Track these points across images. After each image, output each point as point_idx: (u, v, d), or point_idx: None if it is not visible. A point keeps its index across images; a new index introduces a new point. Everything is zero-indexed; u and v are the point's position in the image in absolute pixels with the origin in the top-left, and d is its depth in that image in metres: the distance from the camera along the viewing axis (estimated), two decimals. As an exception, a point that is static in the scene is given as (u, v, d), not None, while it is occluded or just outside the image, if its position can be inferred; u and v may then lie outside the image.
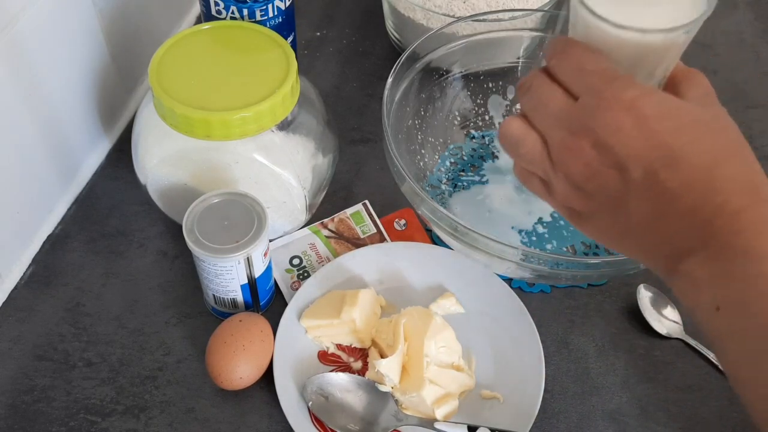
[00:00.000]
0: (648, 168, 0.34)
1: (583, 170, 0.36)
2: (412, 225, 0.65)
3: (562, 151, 0.36)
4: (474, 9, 0.72)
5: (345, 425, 0.51)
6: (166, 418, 0.53)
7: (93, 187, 0.67)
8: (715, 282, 0.33)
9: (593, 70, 0.36)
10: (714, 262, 0.33)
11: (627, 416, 0.55)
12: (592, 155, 0.35)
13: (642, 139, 0.34)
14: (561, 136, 0.36)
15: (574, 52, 0.37)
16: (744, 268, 0.32)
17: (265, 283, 0.56)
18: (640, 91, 0.35)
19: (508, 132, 0.39)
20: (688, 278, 0.35)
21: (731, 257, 0.33)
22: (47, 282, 0.60)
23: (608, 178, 0.35)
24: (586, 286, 0.62)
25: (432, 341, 0.53)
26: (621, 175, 0.35)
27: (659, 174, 0.34)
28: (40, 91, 0.58)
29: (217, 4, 0.61)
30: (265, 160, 0.55)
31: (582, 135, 0.35)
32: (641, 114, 0.34)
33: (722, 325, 0.33)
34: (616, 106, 0.34)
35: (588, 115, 0.35)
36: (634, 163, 0.34)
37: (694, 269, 0.34)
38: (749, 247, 0.32)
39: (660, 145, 0.34)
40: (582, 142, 0.35)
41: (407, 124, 0.65)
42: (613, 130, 0.34)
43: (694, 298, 0.35)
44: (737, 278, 0.33)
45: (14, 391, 0.54)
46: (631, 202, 0.35)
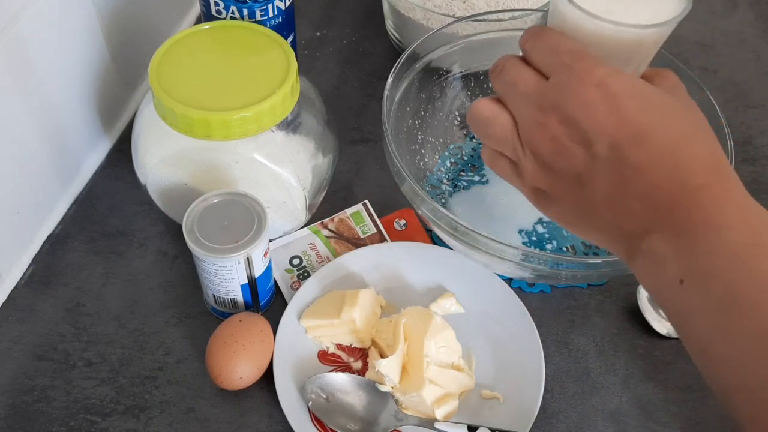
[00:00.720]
0: (614, 143, 0.34)
1: (551, 145, 0.36)
2: (412, 225, 0.65)
3: (531, 128, 0.37)
4: (474, 9, 0.72)
5: (345, 425, 0.51)
6: (166, 418, 0.53)
7: (93, 187, 0.67)
8: (678, 256, 0.33)
9: (565, 50, 0.37)
10: (677, 238, 0.34)
11: (627, 416, 0.55)
12: (560, 130, 0.36)
13: (609, 115, 0.34)
14: (530, 113, 0.37)
15: (547, 35, 0.38)
16: (707, 241, 0.33)
17: (265, 283, 0.56)
18: (610, 70, 0.35)
19: (477, 112, 0.40)
20: (651, 255, 0.35)
21: (694, 231, 0.33)
22: (47, 282, 0.60)
23: (574, 153, 0.36)
24: (586, 286, 0.62)
25: (432, 341, 0.53)
26: (587, 150, 0.35)
27: (624, 150, 0.34)
28: (40, 91, 0.58)
29: (217, 4, 0.61)
30: (265, 160, 0.55)
31: (550, 111, 0.36)
32: (610, 91, 0.35)
33: (686, 297, 0.33)
34: (586, 82, 0.35)
35: (557, 91, 0.36)
36: (601, 138, 0.35)
37: (657, 245, 0.34)
38: (712, 221, 0.33)
39: (627, 121, 0.34)
40: (550, 118, 0.36)
41: (407, 124, 0.65)
42: (581, 105, 0.35)
43: (657, 274, 0.35)
44: (700, 251, 0.33)
45: (14, 391, 0.54)
46: (595, 177, 0.35)
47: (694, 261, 0.33)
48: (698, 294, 0.33)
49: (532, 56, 0.39)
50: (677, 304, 0.34)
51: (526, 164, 0.38)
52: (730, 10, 0.90)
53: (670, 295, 0.34)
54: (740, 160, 0.72)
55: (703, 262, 0.33)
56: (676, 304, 0.34)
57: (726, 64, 0.83)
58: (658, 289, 0.35)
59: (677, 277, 0.33)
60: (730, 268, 0.32)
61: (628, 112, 0.35)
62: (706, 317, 0.33)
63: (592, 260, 0.52)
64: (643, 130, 0.34)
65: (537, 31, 0.39)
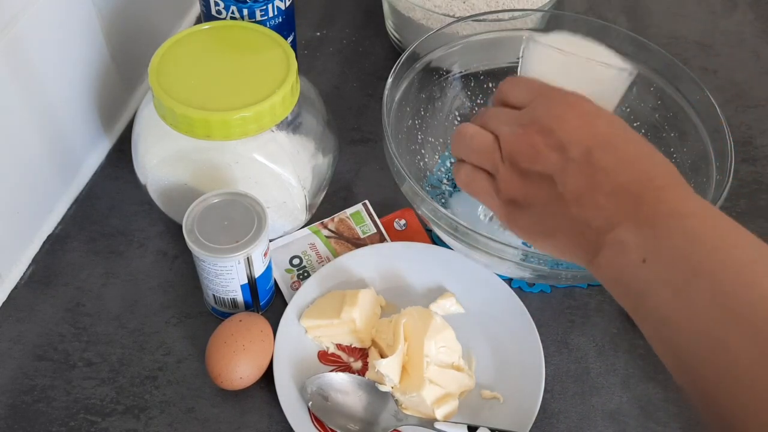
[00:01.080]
0: (586, 149, 0.39)
1: (529, 152, 0.41)
2: (412, 225, 0.65)
3: (512, 139, 0.42)
4: (474, 9, 0.72)
5: (345, 425, 0.51)
6: (166, 418, 0.53)
7: (93, 187, 0.67)
8: (642, 241, 0.37)
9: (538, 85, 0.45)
10: (641, 227, 0.37)
11: (627, 416, 0.55)
12: (538, 139, 0.41)
13: (581, 127, 0.40)
14: (511, 129, 0.43)
15: (522, 79, 0.46)
16: (670, 225, 0.36)
17: (265, 283, 0.56)
18: (580, 96, 0.43)
19: (463, 130, 0.46)
20: (616, 245, 0.38)
21: (658, 220, 0.37)
22: (47, 282, 0.60)
23: (550, 157, 0.40)
24: (586, 286, 0.62)
25: (432, 341, 0.53)
26: (561, 154, 0.40)
27: (595, 154, 0.39)
28: (40, 90, 0.58)
29: (217, 4, 0.61)
30: (265, 160, 0.55)
31: (530, 125, 0.42)
32: (581, 110, 0.41)
33: (648, 274, 0.36)
34: (560, 102, 0.42)
35: (535, 111, 0.42)
36: (574, 144, 0.40)
37: (622, 235, 0.37)
38: (674, 210, 0.37)
39: (597, 133, 0.40)
40: (530, 130, 0.41)
41: (407, 124, 0.65)
42: (557, 118, 0.41)
43: (620, 261, 0.37)
44: (663, 234, 0.36)
45: (14, 391, 0.54)
46: (568, 177, 0.40)
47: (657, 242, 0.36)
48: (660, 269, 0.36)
49: (509, 99, 0.46)
50: (638, 284, 0.37)
51: (504, 174, 0.43)
52: (730, 10, 0.90)
53: (631, 276, 0.37)
54: (740, 160, 0.72)
55: (666, 241, 0.36)
56: (638, 284, 0.37)
57: (726, 64, 0.83)
58: (620, 275, 0.38)
59: (640, 258, 0.36)
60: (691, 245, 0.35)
61: (598, 127, 0.41)
62: (667, 289, 0.35)
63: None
64: (611, 140, 0.40)
65: (511, 79, 0.46)
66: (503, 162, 0.43)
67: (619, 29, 0.65)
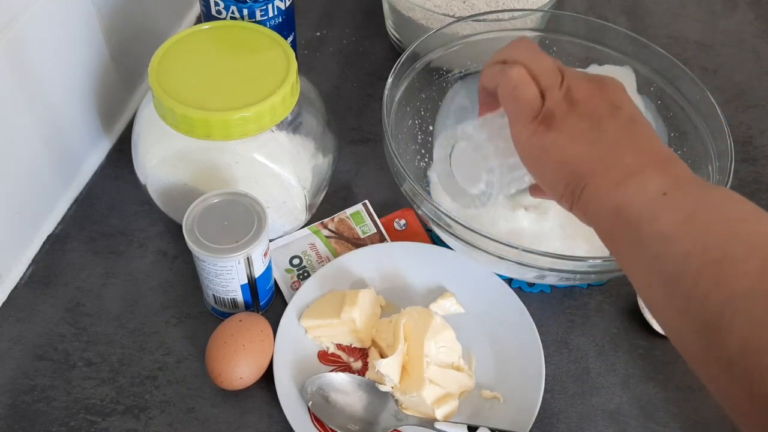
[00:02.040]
0: (633, 114, 0.43)
1: (589, 91, 0.43)
2: (412, 225, 0.65)
3: (577, 77, 0.44)
4: (474, 9, 0.72)
5: (345, 425, 0.51)
6: (166, 418, 0.53)
7: (93, 187, 0.67)
8: (665, 183, 0.39)
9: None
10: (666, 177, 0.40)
11: (627, 416, 0.55)
12: (598, 92, 0.44)
13: (627, 102, 0.44)
14: (574, 73, 0.45)
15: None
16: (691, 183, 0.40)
17: (265, 283, 0.56)
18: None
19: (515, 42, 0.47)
20: (639, 180, 0.40)
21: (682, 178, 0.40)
22: (47, 282, 0.60)
23: (604, 105, 0.43)
24: (586, 286, 0.62)
25: (432, 341, 0.53)
26: (614, 106, 0.43)
27: (637, 119, 0.43)
28: (40, 91, 0.58)
29: (217, 4, 0.61)
30: (265, 160, 0.55)
31: (591, 80, 0.44)
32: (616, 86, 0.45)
33: (664, 203, 0.39)
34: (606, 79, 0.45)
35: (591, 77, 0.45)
36: (625, 107, 0.43)
37: (649, 175, 0.40)
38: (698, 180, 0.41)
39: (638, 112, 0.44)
40: (593, 84, 0.44)
41: (407, 124, 0.65)
42: (612, 87, 0.44)
43: (640, 191, 0.40)
44: (684, 184, 0.40)
45: (14, 391, 0.54)
46: (612, 123, 0.42)
47: (678, 185, 0.40)
48: (676, 200, 0.39)
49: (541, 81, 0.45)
50: (652, 211, 0.39)
51: (557, 93, 0.43)
52: (730, 10, 0.90)
53: (645, 205, 0.39)
54: (740, 160, 0.72)
55: (687, 186, 0.40)
56: (651, 211, 0.39)
57: (726, 64, 0.83)
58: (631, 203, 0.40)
59: (661, 191, 0.39)
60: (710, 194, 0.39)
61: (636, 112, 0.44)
62: (678, 213, 0.38)
63: (591, 260, 0.52)
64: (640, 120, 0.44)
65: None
66: (560, 86, 0.44)
67: (618, 29, 0.65)
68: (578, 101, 0.43)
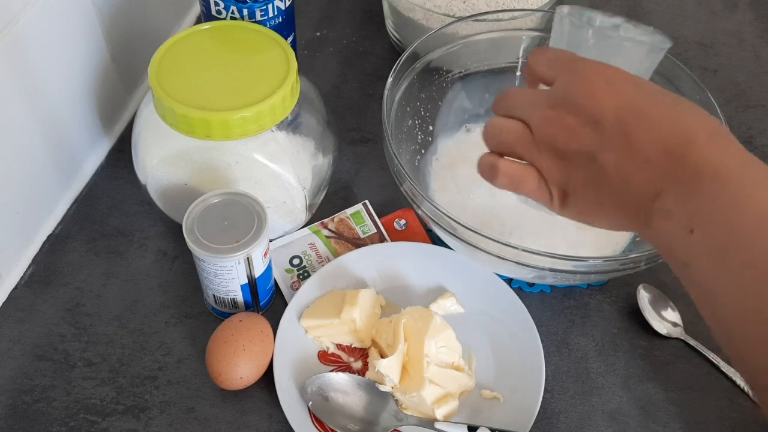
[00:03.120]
0: (618, 118, 0.38)
1: (563, 133, 0.40)
2: (412, 225, 0.65)
3: (544, 124, 0.41)
4: (474, 9, 0.72)
5: (345, 425, 0.51)
6: (166, 418, 0.53)
7: (93, 187, 0.67)
8: (687, 208, 0.36)
9: (564, 57, 0.43)
10: (685, 193, 0.37)
11: (627, 416, 0.55)
12: (570, 119, 0.40)
13: (611, 96, 0.39)
14: (541, 113, 0.41)
15: (549, 50, 0.44)
16: (712, 191, 0.36)
17: (265, 283, 0.56)
18: (605, 65, 0.41)
19: (490, 124, 0.45)
20: (662, 214, 0.38)
21: (700, 184, 0.36)
22: (47, 282, 0.60)
23: (585, 134, 0.40)
24: (586, 286, 0.62)
25: (432, 341, 0.53)
26: (595, 128, 0.39)
27: (629, 123, 0.38)
28: (40, 91, 0.58)
29: (217, 4, 0.61)
30: (265, 160, 0.55)
31: (559, 105, 0.41)
32: (608, 78, 0.40)
33: (695, 245, 0.36)
34: (586, 75, 0.40)
35: (563, 88, 0.41)
36: (606, 115, 0.39)
37: (667, 204, 0.37)
38: (716, 173, 0.36)
39: (627, 100, 0.39)
40: (560, 111, 0.40)
41: (407, 124, 0.65)
42: (584, 92, 0.40)
43: (669, 229, 0.37)
44: (706, 200, 0.36)
45: (14, 391, 0.54)
46: (606, 150, 0.39)
47: (700, 209, 0.36)
48: (703, 238, 0.36)
49: (536, 69, 0.44)
50: (687, 253, 0.37)
51: (544, 162, 0.42)
52: (730, 10, 0.90)
53: (680, 245, 0.37)
54: (740, 160, 0.72)
55: (708, 209, 0.36)
56: (686, 254, 0.37)
57: (726, 64, 0.83)
58: (671, 244, 0.38)
59: (688, 227, 0.36)
60: (731, 212, 0.35)
61: (627, 95, 0.39)
62: (709, 258, 0.36)
63: (591, 259, 0.52)
64: (642, 104, 0.39)
65: (539, 49, 0.45)
66: (539, 149, 0.42)
67: (619, 29, 0.65)
68: (563, 149, 0.41)
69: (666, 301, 0.60)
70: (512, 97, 0.44)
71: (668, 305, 0.60)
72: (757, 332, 0.34)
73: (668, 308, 0.60)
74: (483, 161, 0.45)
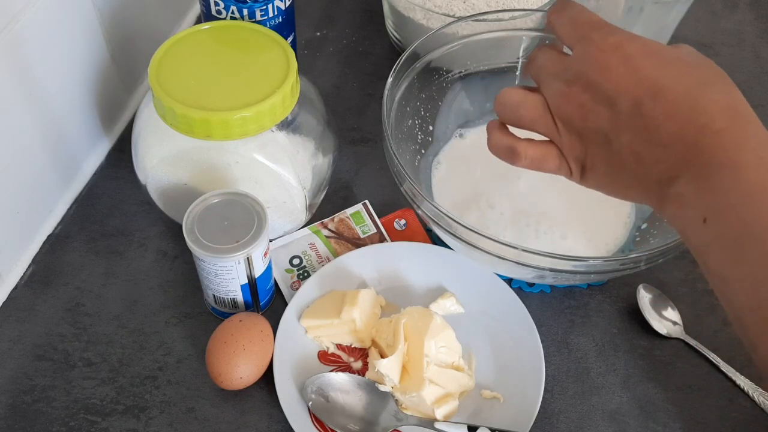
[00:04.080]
0: (634, 100, 0.37)
1: (578, 111, 0.39)
2: (412, 225, 0.65)
3: (559, 100, 0.40)
4: (474, 9, 0.72)
5: (345, 425, 0.51)
6: (166, 418, 0.53)
7: (93, 187, 0.67)
8: (700, 197, 0.36)
9: (584, 21, 0.41)
10: (699, 180, 0.36)
11: (627, 416, 0.55)
12: (585, 96, 0.39)
13: (628, 75, 0.38)
14: (557, 87, 0.40)
15: (568, 9, 0.42)
16: (726, 180, 0.35)
17: (265, 283, 0.56)
18: (625, 35, 0.39)
19: (507, 98, 0.43)
20: (676, 199, 0.37)
21: (714, 172, 0.36)
22: (47, 282, 0.60)
23: (600, 113, 0.39)
24: (586, 286, 0.62)
25: (432, 341, 0.53)
26: (611, 109, 0.38)
27: (645, 104, 0.37)
28: (40, 91, 0.58)
29: (217, 4, 0.61)
30: (266, 160, 0.55)
31: (574, 81, 0.39)
32: (626, 53, 0.38)
33: (709, 234, 0.36)
34: (603, 48, 0.39)
35: (579, 61, 0.40)
36: (622, 97, 0.38)
37: (681, 189, 0.37)
38: (730, 161, 0.35)
39: (644, 78, 0.37)
40: (575, 88, 0.39)
41: (407, 124, 0.65)
42: (600, 69, 0.38)
43: (683, 215, 0.37)
44: (720, 190, 0.35)
45: (14, 391, 0.54)
46: (621, 132, 0.38)
47: (714, 199, 0.36)
48: (717, 228, 0.35)
49: (556, 30, 0.42)
50: (701, 241, 0.37)
51: (563, 138, 0.41)
52: (730, 10, 0.90)
53: (694, 233, 0.37)
54: (740, 160, 0.72)
55: (722, 199, 0.35)
56: (700, 241, 0.37)
57: (726, 64, 0.82)
58: (685, 229, 0.38)
59: (701, 216, 0.36)
60: (744, 204, 0.35)
61: (645, 70, 0.38)
62: (723, 248, 0.35)
63: (591, 259, 0.52)
64: (659, 84, 0.37)
65: (560, 5, 0.42)
66: (556, 124, 0.41)
67: (619, 29, 0.65)
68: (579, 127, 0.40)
69: (666, 301, 0.60)
70: (538, 61, 0.43)
71: (668, 305, 0.60)
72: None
73: (668, 308, 0.60)
74: (499, 143, 0.44)
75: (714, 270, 0.37)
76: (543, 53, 0.43)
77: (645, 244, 0.60)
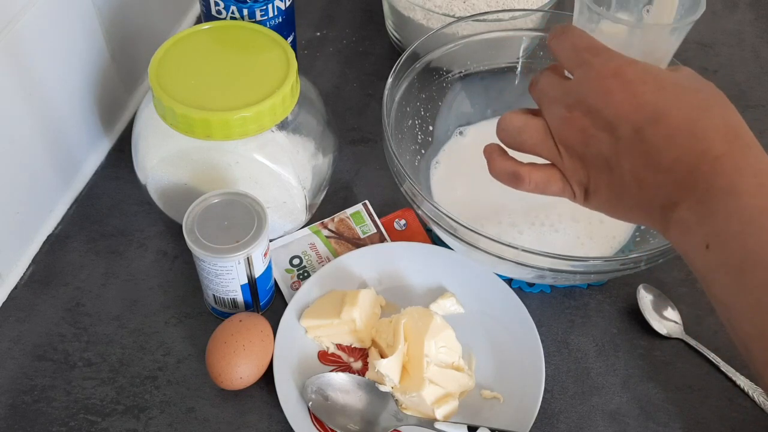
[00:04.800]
0: (635, 126, 0.37)
1: (579, 137, 0.39)
2: (412, 225, 0.65)
3: (560, 125, 0.40)
4: (474, 9, 0.72)
5: (345, 425, 0.51)
6: (166, 418, 0.53)
7: (93, 187, 0.67)
8: (702, 223, 0.36)
9: (584, 46, 0.41)
10: (700, 206, 0.36)
11: (627, 416, 0.55)
12: (585, 122, 0.39)
13: (628, 100, 0.38)
14: (558, 112, 0.41)
15: (568, 34, 0.42)
16: (727, 206, 0.35)
17: (265, 283, 0.56)
18: (624, 61, 0.39)
19: (508, 123, 0.43)
20: (679, 224, 0.37)
21: (716, 198, 0.36)
22: (47, 282, 0.60)
23: (601, 139, 0.39)
24: (586, 286, 0.62)
25: (432, 341, 0.53)
26: (611, 135, 0.38)
27: (645, 130, 0.37)
28: (40, 91, 0.58)
29: (217, 4, 0.61)
30: (266, 160, 0.55)
31: (575, 106, 0.40)
32: (626, 79, 0.38)
33: (712, 260, 0.36)
34: (603, 74, 0.39)
35: (579, 86, 0.40)
36: (622, 123, 0.38)
37: (683, 215, 0.37)
38: (731, 186, 0.35)
39: (643, 104, 0.38)
40: (576, 113, 0.40)
41: (407, 124, 0.65)
42: (601, 94, 0.38)
43: (686, 241, 0.37)
44: (721, 216, 0.35)
45: (14, 391, 0.54)
46: (622, 158, 0.38)
47: (715, 226, 0.36)
48: (720, 255, 0.35)
49: (557, 55, 0.42)
50: (705, 267, 0.37)
51: (565, 162, 0.41)
52: (730, 10, 0.90)
53: (698, 258, 0.37)
54: (740, 160, 0.72)
55: (723, 225, 0.35)
56: (704, 267, 0.37)
57: (726, 64, 0.83)
58: (689, 255, 0.38)
59: (703, 243, 0.36)
60: (746, 230, 0.35)
61: (645, 96, 0.38)
62: (726, 275, 0.35)
63: (591, 260, 0.52)
64: (659, 110, 0.37)
65: (560, 30, 0.42)
66: (558, 149, 0.41)
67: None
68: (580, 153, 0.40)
69: (666, 301, 0.60)
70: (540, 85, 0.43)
71: (668, 305, 0.60)
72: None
73: (668, 308, 0.60)
74: (502, 168, 0.44)
75: (718, 297, 0.37)
76: (545, 77, 0.43)
77: (645, 244, 0.60)
